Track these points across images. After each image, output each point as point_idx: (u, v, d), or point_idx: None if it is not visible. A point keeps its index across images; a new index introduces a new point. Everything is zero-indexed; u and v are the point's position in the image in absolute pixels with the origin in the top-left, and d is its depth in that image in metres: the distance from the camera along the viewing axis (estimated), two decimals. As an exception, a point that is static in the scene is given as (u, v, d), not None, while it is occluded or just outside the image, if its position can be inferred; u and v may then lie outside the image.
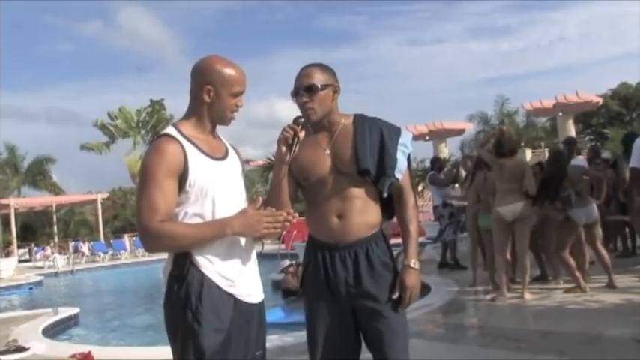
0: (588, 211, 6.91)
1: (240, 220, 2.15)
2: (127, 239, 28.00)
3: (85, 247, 26.72)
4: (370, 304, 2.47)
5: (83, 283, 17.45)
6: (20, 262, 25.18)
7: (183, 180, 2.14)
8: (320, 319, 2.52)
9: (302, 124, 2.39)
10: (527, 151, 25.29)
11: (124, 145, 31.39)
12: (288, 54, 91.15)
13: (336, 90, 2.51)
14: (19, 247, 29.74)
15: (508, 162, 6.87)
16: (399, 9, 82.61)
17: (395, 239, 3.10)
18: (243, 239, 2.24)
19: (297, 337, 5.47)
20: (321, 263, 2.50)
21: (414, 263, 2.50)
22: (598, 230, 7.12)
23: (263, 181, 25.66)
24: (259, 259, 2.39)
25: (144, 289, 14.35)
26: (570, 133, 24.48)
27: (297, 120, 2.40)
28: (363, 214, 2.49)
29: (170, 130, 2.22)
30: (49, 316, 8.55)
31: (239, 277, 2.22)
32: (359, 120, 2.57)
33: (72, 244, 28.18)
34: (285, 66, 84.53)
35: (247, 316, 2.23)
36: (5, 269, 19.52)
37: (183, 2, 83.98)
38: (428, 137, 30.43)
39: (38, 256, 26.78)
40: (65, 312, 8.87)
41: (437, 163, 11.01)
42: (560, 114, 26.20)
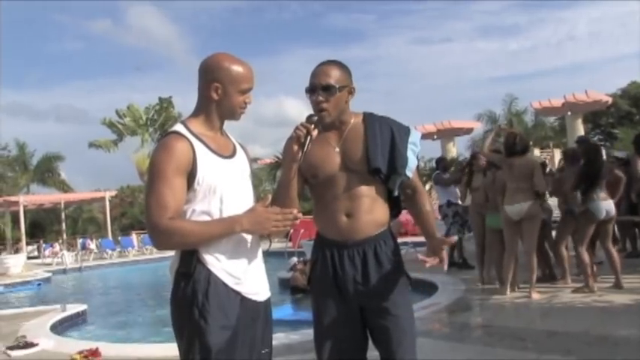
0: (609, 205, 6.90)
1: (249, 217, 2.15)
2: (134, 237, 28.04)
3: (92, 244, 26.79)
4: (378, 302, 2.47)
5: (91, 280, 17.50)
6: (29, 258, 25.27)
7: (191, 177, 2.14)
8: (327, 317, 2.52)
9: (315, 123, 2.39)
10: (536, 150, 25.20)
11: (132, 142, 31.39)
12: (297, 53, 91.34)
13: (351, 91, 2.51)
14: (28, 244, 29.80)
15: (518, 161, 6.87)
16: (408, 8, 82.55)
17: (401, 238, 3.10)
18: (249, 237, 2.24)
19: (303, 335, 5.48)
20: (330, 261, 2.51)
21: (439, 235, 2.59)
22: (612, 228, 7.10)
23: (271, 180, 25.68)
24: (266, 257, 2.39)
25: (151, 287, 14.38)
26: (579, 133, 24.35)
27: (310, 118, 2.39)
28: (372, 213, 2.49)
29: (179, 127, 2.22)
30: (57, 313, 8.59)
31: (246, 274, 2.22)
32: (369, 119, 2.56)
33: (80, 241, 28.22)
34: (293, 65, 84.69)
35: (254, 314, 2.23)
36: (14, 266, 19.61)
37: (191, 1, 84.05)
38: (436, 136, 30.35)
39: (47, 252, 26.84)
40: (73, 309, 8.91)
41: (442, 162, 11.01)
42: (569, 113, 26.07)
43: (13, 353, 6.21)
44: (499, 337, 5.27)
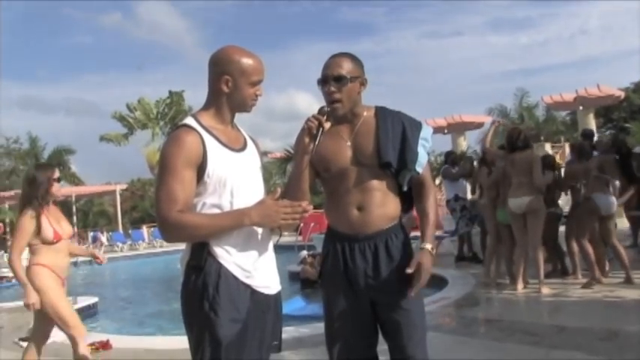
0: (610, 199, 6.87)
1: (258, 210, 2.14)
2: (145, 230, 28.14)
3: (103, 237, 26.91)
4: (388, 296, 2.47)
5: (102, 272, 17.55)
6: (40, 251, 25.41)
7: (201, 170, 2.14)
8: (338, 310, 2.52)
9: (327, 114, 2.38)
10: (547, 145, 25.03)
11: (142, 136, 31.55)
12: (307, 46, 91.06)
13: (362, 82, 2.50)
14: (39, 237, 29.99)
15: (519, 156, 6.89)
16: (419, 1, 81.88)
17: (414, 232, 3.09)
18: (260, 230, 2.24)
19: (313, 329, 5.49)
20: (340, 254, 2.51)
21: (430, 247, 2.48)
22: (612, 225, 7.06)
23: (281, 174, 25.69)
24: (276, 250, 2.39)
25: (161, 279, 14.42)
26: (591, 127, 24.18)
27: (322, 110, 2.39)
28: (383, 206, 2.49)
29: (189, 120, 2.23)
30: (68, 305, 8.64)
31: (256, 268, 2.22)
32: (381, 113, 2.56)
33: (91, 234, 28.37)
34: (303, 58, 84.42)
35: (264, 307, 2.24)
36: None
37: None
38: (446, 130, 30.15)
39: (58, 245, 27.01)
40: (84, 301, 8.94)
41: (450, 156, 10.97)
42: (580, 108, 25.82)
43: (26, 344, 6.25)
44: (509, 332, 5.25)
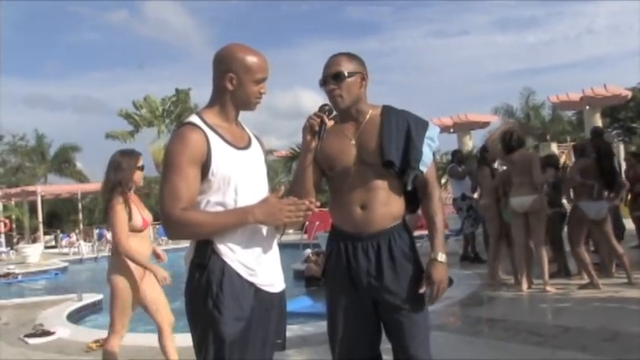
0: (599, 206, 6.84)
1: (262, 208, 2.14)
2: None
3: (109, 234, 26.96)
4: (391, 296, 2.46)
5: (106, 270, 17.63)
6: (46, 248, 25.47)
7: (206, 168, 2.14)
8: (341, 309, 2.52)
9: (329, 112, 2.39)
10: (553, 144, 24.96)
11: (148, 134, 31.57)
12: (313, 45, 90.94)
13: (363, 77, 2.50)
14: (45, 234, 30.09)
15: (517, 156, 6.91)
16: (424, 1, 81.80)
17: (418, 231, 3.09)
18: (264, 228, 2.23)
19: (317, 327, 5.49)
20: (344, 253, 2.50)
21: (441, 257, 2.49)
22: (608, 227, 7.02)
23: (286, 172, 25.61)
24: (281, 249, 2.39)
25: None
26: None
27: (323, 107, 2.41)
28: (387, 205, 2.48)
29: (193, 118, 2.23)
30: (73, 302, 8.67)
31: (260, 266, 2.22)
32: (387, 111, 2.55)
33: (96, 231, 28.40)
34: (309, 56, 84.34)
35: (268, 305, 2.24)
36: (32, 255, 19.84)
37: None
38: (452, 129, 30.09)
39: (64, 242, 27.06)
40: (89, 298, 8.97)
41: (457, 155, 10.95)
42: (587, 107, 25.71)
43: (31, 341, 6.29)
44: (514, 332, 5.24)
